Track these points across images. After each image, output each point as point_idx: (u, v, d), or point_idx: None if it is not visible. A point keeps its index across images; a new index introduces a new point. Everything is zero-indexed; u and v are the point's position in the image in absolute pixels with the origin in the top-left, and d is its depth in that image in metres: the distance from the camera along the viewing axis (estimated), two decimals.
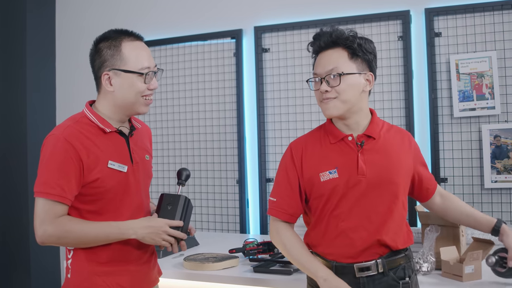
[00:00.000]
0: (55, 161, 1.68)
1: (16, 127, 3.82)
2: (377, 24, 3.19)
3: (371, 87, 1.80)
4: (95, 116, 1.79)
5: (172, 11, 3.73)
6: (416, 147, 1.90)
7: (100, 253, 1.77)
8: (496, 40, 2.95)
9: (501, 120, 2.93)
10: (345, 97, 1.74)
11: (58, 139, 1.70)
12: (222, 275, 2.35)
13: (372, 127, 1.79)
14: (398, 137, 1.84)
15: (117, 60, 1.76)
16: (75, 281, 1.77)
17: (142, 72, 1.77)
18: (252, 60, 3.50)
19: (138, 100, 1.79)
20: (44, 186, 1.67)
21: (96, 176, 1.72)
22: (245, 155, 3.50)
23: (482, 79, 2.95)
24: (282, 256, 2.53)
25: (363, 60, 1.77)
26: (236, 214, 3.52)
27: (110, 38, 1.79)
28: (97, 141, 1.76)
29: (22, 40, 3.80)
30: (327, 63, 1.76)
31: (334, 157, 1.78)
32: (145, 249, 1.89)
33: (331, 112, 1.76)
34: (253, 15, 3.50)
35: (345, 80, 1.73)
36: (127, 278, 1.81)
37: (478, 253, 2.09)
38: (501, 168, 2.91)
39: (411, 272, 1.79)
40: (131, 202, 1.82)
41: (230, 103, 3.56)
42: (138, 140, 1.92)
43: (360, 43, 1.75)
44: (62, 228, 1.67)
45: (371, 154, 1.76)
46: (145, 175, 1.91)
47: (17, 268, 3.78)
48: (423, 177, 1.90)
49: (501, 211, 2.91)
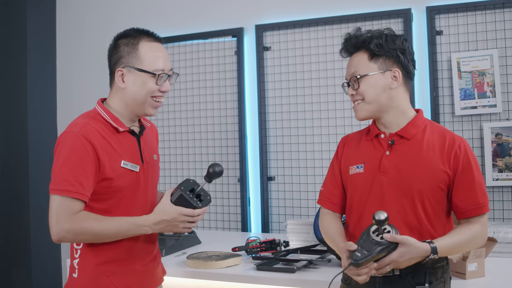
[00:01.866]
0: (74, 158, 1.67)
1: (17, 126, 3.80)
2: (379, 22, 3.19)
3: (398, 83, 1.77)
4: (108, 114, 1.80)
5: (173, 9, 3.73)
6: (465, 156, 1.73)
7: (108, 253, 1.76)
8: (497, 38, 2.95)
9: (503, 118, 2.93)
10: (368, 98, 1.76)
11: (76, 136, 1.69)
12: (225, 273, 2.35)
13: (408, 127, 1.77)
14: (438, 141, 1.75)
15: (133, 58, 1.77)
16: (82, 281, 1.77)
17: (155, 73, 1.77)
18: (253, 59, 3.50)
19: (147, 100, 1.80)
20: (64, 183, 1.65)
21: (110, 175, 1.72)
22: (247, 154, 3.50)
23: (483, 77, 2.95)
24: (285, 254, 2.54)
25: (387, 58, 1.77)
26: (237, 212, 3.52)
27: (129, 35, 1.81)
28: (111, 140, 1.76)
29: (23, 38, 3.79)
30: (349, 68, 1.81)
31: (365, 152, 1.82)
32: (151, 248, 1.90)
33: (359, 115, 1.80)
34: (254, 13, 3.50)
35: (365, 82, 1.76)
36: (133, 278, 1.82)
37: (481, 251, 2.10)
38: (503, 166, 2.91)
39: (434, 280, 1.72)
40: (141, 201, 1.82)
41: (231, 102, 3.56)
42: (147, 140, 1.93)
43: (379, 42, 1.75)
44: (79, 225, 1.66)
45: (400, 154, 1.75)
46: (154, 175, 1.91)
47: (18, 268, 3.77)
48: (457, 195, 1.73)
49: (502, 209, 2.92)
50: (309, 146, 3.33)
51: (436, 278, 1.73)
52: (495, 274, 2.13)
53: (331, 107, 3.27)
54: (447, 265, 1.77)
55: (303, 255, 2.51)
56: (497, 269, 2.20)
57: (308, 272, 2.28)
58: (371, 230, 1.61)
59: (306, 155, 3.32)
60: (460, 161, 1.72)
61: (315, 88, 3.33)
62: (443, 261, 1.75)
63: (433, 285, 1.72)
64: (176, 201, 1.77)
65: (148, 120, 2.02)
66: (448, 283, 1.78)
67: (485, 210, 1.73)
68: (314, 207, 3.28)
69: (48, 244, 3.73)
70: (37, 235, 3.73)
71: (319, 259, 2.42)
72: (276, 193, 3.43)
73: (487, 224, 1.76)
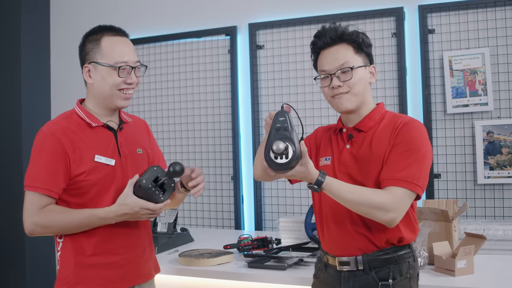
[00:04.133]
0: (42, 155, 1.76)
1: (11, 124, 3.81)
2: (371, 21, 3.20)
3: (374, 79, 1.84)
4: (83, 111, 1.86)
5: (167, 8, 3.73)
6: (401, 132, 1.71)
7: (86, 246, 1.79)
8: (489, 36, 2.97)
9: (494, 116, 2.95)
10: (356, 90, 1.78)
11: (46, 134, 1.78)
12: (216, 271, 2.36)
13: (365, 120, 1.81)
14: (388, 127, 1.76)
15: (96, 53, 1.82)
16: (64, 273, 1.81)
17: (116, 66, 1.80)
18: (246, 57, 3.50)
19: (114, 93, 1.83)
20: (32, 180, 1.75)
21: (82, 169, 1.77)
22: (240, 152, 3.51)
23: (475, 76, 2.97)
24: (276, 251, 2.55)
25: (366, 54, 1.82)
26: (231, 210, 3.53)
27: (94, 32, 1.85)
28: (84, 136, 1.81)
29: (17, 43, 3.78)
30: (336, 59, 1.79)
31: (332, 146, 1.86)
32: (135, 242, 1.89)
33: (346, 106, 1.79)
34: (248, 12, 3.50)
35: (356, 74, 1.77)
36: (114, 271, 1.82)
37: (470, 248, 2.11)
38: (494, 164, 2.93)
39: (398, 276, 1.72)
40: (119, 194, 1.80)
41: (224, 100, 3.56)
42: (129, 134, 1.94)
43: (363, 37, 1.80)
44: (45, 218, 1.74)
45: (357, 147, 1.79)
46: (135, 169, 1.89)
47: (13, 263, 3.77)
48: (384, 167, 1.71)
49: (494, 206, 2.94)
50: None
51: (401, 274, 1.73)
52: (484, 271, 2.14)
53: (324, 105, 3.28)
54: (413, 261, 1.78)
55: (294, 253, 2.53)
56: (486, 266, 2.21)
57: (299, 270, 2.29)
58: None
59: None
60: (398, 138, 1.70)
61: (308, 87, 3.34)
62: (409, 257, 1.76)
63: (397, 280, 1.72)
64: (138, 193, 1.75)
65: (131, 116, 2.04)
66: (415, 280, 1.78)
67: (400, 184, 1.64)
68: (306, 205, 3.29)
69: (42, 243, 3.74)
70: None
71: (310, 257, 2.43)
72: (269, 191, 3.43)
73: (400, 204, 1.64)
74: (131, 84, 1.84)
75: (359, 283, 1.74)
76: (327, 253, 1.83)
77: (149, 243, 1.99)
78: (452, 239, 2.28)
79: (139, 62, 1.87)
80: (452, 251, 2.22)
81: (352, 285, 1.75)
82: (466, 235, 2.21)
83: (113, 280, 1.82)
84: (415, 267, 1.79)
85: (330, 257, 1.81)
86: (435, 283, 2.03)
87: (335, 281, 1.79)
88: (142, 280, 1.92)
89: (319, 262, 1.91)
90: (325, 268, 1.85)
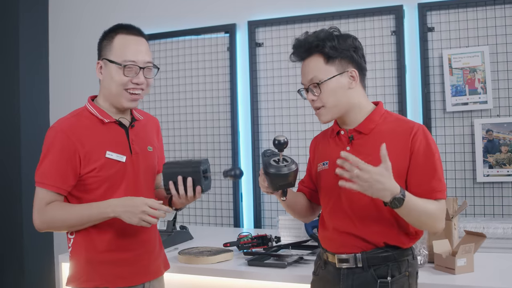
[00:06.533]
0: (52, 152, 1.77)
1: (9, 123, 3.79)
2: (370, 19, 3.20)
3: (356, 82, 1.77)
4: (95, 108, 1.85)
5: (166, 6, 3.72)
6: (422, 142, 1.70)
7: (99, 242, 1.80)
8: (488, 35, 2.97)
9: (493, 114, 2.95)
10: (330, 103, 1.75)
11: (56, 131, 1.78)
12: (216, 269, 2.36)
13: (365, 122, 1.79)
14: (396, 130, 1.75)
15: (108, 50, 1.82)
16: (75, 270, 1.82)
17: (122, 64, 1.78)
18: (245, 55, 3.50)
19: (120, 92, 1.81)
20: (41, 176, 1.77)
21: (94, 165, 1.78)
22: (239, 149, 3.50)
23: (474, 74, 2.97)
24: (276, 249, 2.55)
25: (342, 59, 1.75)
26: (230, 208, 3.53)
27: (111, 30, 1.86)
28: (95, 132, 1.81)
29: (15, 41, 3.76)
30: (306, 73, 1.78)
31: (330, 150, 1.84)
32: (145, 238, 1.90)
33: (324, 119, 1.80)
34: (247, 9, 3.50)
35: (326, 87, 1.74)
36: (124, 268, 1.83)
37: (470, 246, 2.11)
38: (493, 162, 2.93)
39: (397, 273, 1.72)
40: (130, 191, 1.83)
41: (223, 98, 3.56)
42: (140, 132, 1.94)
43: (333, 45, 1.73)
44: (48, 214, 1.75)
45: (359, 148, 1.76)
46: (147, 166, 1.91)
47: (11, 266, 3.76)
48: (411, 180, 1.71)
49: (493, 204, 2.94)
50: (301, 142, 3.33)
51: (400, 272, 1.73)
52: (484, 269, 2.15)
53: None
54: (412, 259, 1.77)
55: (294, 251, 2.52)
56: (486, 264, 2.21)
57: (299, 267, 2.29)
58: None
59: (298, 151, 3.33)
60: (416, 146, 1.70)
61: None
62: (408, 255, 1.75)
63: (396, 278, 1.71)
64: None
65: (144, 113, 2.04)
66: (414, 278, 1.78)
67: (439, 196, 1.68)
68: None
69: (40, 242, 3.74)
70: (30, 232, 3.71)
71: (310, 255, 2.43)
72: None
73: (444, 212, 1.71)
74: (138, 84, 1.81)
75: (358, 281, 1.74)
76: (327, 250, 1.84)
77: (159, 240, 2.01)
78: (452, 237, 2.28)
79: (150, 63, 1.85)
80: (452, 249, 2.22)
81: (351, 282, 1.75)
82: (466, 233, 2.22)
83: (124, 277, 1.83)
84: (414, 265, 1.78)
85: (330, 254, 1.81)
86: (435, 281, 2.04)
87: (334, 278, 1.79)
88: (152, 277, 1.93)
89: (319, 260, 1.91)
90: (324, 265, 1.85)
